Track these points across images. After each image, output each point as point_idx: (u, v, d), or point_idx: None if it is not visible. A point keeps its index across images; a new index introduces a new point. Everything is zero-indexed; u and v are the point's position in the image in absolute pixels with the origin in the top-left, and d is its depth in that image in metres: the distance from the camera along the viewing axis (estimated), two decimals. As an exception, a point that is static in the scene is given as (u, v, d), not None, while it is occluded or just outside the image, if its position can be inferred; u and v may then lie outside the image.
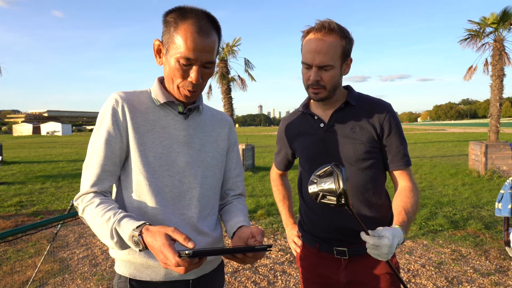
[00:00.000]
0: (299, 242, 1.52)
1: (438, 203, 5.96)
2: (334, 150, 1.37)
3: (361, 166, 1.36)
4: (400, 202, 1.30)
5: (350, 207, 1.05)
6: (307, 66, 1.31)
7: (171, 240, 0.86)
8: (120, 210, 1.00)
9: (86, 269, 3.60)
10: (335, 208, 1.23)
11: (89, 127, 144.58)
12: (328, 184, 1.03)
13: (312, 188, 1.07)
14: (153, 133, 1.10)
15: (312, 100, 1.48)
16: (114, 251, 1.13)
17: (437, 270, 3.45)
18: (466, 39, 9.59)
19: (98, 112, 1.15)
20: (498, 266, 3.49)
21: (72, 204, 2.52)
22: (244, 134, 39.91)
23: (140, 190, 1.08)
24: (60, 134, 77.15)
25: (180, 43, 1.01)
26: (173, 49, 1.03)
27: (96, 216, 0.99)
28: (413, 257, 3.77)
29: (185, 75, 1.05)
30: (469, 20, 9.43)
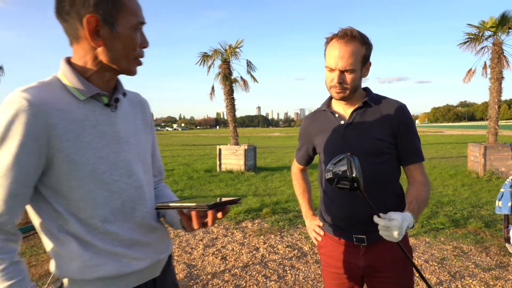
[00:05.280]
0: (321, 232, 1.64)
1: (438, 203, 6.10)
2: (353, 146, 1.49)
3: (378, 160, 1.48)
4: (412, 193, 1.45)
5: (362, 191, 1.20)
6: (330, 69, 1.44)
7: None
8: None
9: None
10: (354, 199, 1.39)
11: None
12: (343, 171, 1.19)
13: (328, 175, 1.23)
14: (85, 136, 0.93)
15: (333, 100, 1.61)
16: (64, 271, 0.96)
17: (440, 265, 3.58)
18: (465, 43, 9.74)
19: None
20: (498, 262, 3.63)
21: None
22: (243, 135, 40.08)
23: (84, 206, 0.93)
24: (58, 134, 76.70)
25: (131, 8, 0.94)
26: (125, 18, 0.93)
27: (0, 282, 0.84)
28: (416, 253, 3.90)
29: (137, 42, 0.97)
30: (468, 24, 9.60)
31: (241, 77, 11.68)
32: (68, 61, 0.98)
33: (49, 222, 0.94)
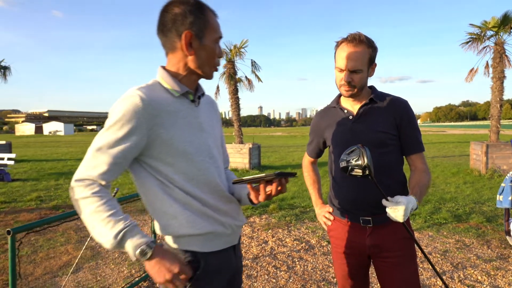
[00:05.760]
0: (331, 217, 1.79)
1: (441, 199, 6.24)
2: (360, 138, 1.64)
3: (383, 151, 1.63)
4: (414, 179, 1.61)
5: (373, 177, 1.36)
6: (340, 69, 1.59)
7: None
8: (130, 219, 1.08)
9: (116, 255, 3.87)
10: (361, 184, 1.55)
11: (89, 127, 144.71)
12: (355, 160, 1.35)
13: (343, 164, 1.39)
14: (178, 124, 1.18)
15: (341, 97, 1.76)
16: (178, 227, 1.19)
17: (442, 257, 3.72)
18: (467, 42, 9.86)
19: (99, 112, 1.23)
20: (499, 254, 3.77)
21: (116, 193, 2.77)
22: (246, 135, 40.38)
23: (178, 178, 1.18)
24: (62, 133, 77.44)
25: (214, 26, 1.20)
26: (210, 33, 1.18)
27: (102, 212, 1.05)
28: (419, 246, 4.04)
29: (217, 53, 1.23)
30: (470, 24, 9.71)
31: (246, 77, 11.85)
32: (164, 68, 1.24)
33: (155, 189, 1.19)
